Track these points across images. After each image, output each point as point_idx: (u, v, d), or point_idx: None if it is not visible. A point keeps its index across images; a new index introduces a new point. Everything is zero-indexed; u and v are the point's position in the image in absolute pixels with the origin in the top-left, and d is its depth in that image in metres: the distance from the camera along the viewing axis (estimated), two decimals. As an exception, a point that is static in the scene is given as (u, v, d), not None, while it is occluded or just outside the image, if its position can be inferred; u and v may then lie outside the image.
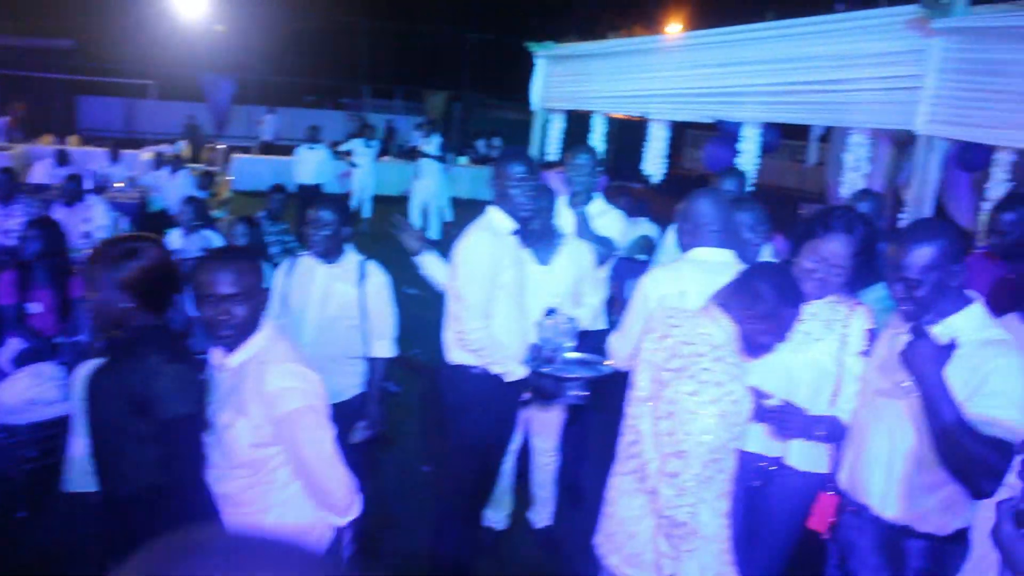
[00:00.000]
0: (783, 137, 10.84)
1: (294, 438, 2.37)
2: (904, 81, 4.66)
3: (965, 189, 7.12)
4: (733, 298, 2.50)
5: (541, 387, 3.65)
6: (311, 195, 11.33)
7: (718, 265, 3.17)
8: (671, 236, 4.65)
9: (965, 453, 2.33)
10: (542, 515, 4.50)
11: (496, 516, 4.47)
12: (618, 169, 12.00)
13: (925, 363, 2.40)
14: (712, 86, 6.15)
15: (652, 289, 3.22)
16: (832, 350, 2.90)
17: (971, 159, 5.33)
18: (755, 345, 2.51)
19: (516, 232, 3.61)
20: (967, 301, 2.53)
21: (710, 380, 2.33)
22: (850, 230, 2.86)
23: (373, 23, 25.00)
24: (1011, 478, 2.36)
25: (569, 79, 8.15)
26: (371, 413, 3.91)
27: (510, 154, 3.67)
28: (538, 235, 4.16)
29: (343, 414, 3.00)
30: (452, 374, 3.64)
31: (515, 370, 3.56)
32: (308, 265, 3.82)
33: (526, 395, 3.74)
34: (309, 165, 11.74)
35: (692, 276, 3.15)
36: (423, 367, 5.15)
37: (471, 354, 3.55)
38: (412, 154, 14.79)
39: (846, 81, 5.01)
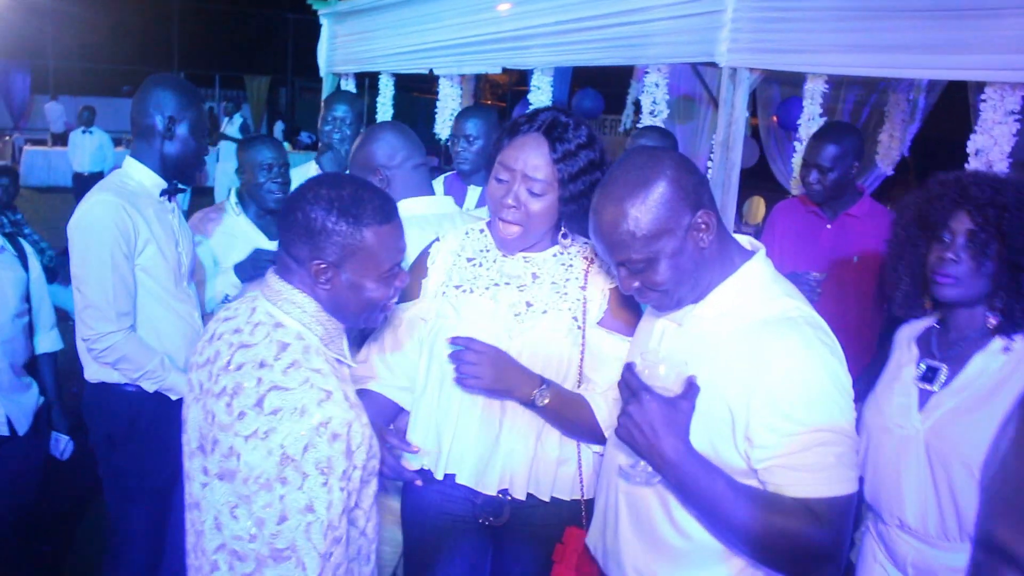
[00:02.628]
0: (605, 112, 10.39)
1: None
2: (701, 6, 3.94)
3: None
4: (292, 249, 1.57)
5: None
6: (88, 185, 10.32)
7: (428, 218, 2.40)
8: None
9: (774, 539, 1.51)
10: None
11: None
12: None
13: (658, 439, 1.53)
14: (497, 32, 5.32)
15: None
16: (566, 324, 1.99)
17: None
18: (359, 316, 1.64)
19: (165, 192, 2.66)
20: (739, 261, 1.66)
21: (286, 407, 1.44)
22: (555, 132, 1.92)
23: (186, 4, 23.29)
24: None
25: (355, 38, 7.20)
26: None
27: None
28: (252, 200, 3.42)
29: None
30: (94, 397, 2.66)
31: (179, 384, 2.60)
32: None
33: None
34: (84, 152, 10.55)
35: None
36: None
37: (110, 368, 2.57)
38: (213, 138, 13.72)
39: (638, 11, 4.27)
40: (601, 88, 9.34)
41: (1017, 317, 1.86)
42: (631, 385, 1.58)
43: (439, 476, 2.00)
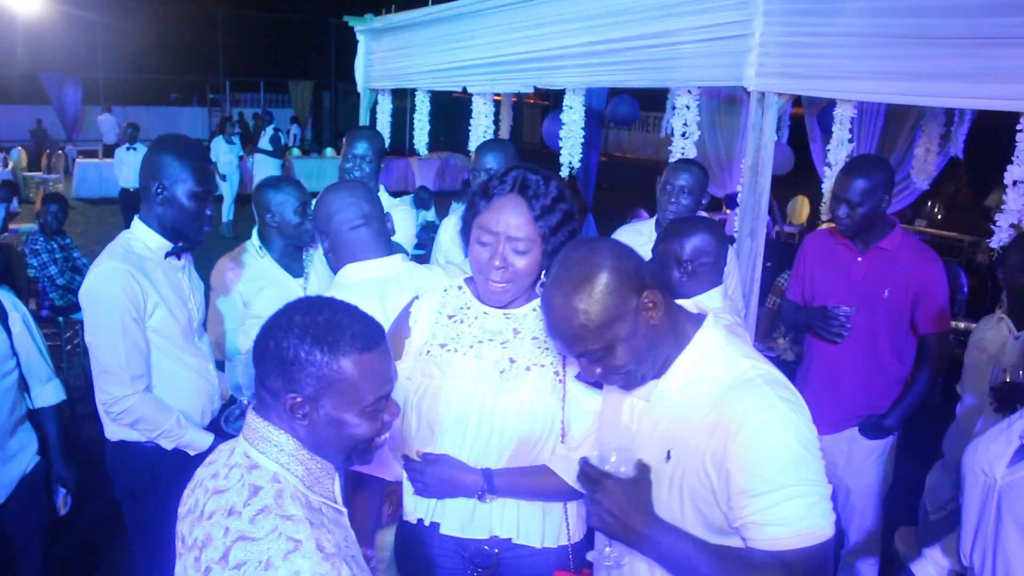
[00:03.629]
0: (643, 110, 10.32)
1: None
2: (730, 29, 3.91)
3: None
4: (267, 381, 1.46)
5: None
6: (135, 201, 10.49)
7: (371, 283, 2.40)
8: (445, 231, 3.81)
9: None
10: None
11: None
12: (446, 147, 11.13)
13: (628, 518, 1.62)
14: (530, 51, 5.32)
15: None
16: (549, 379, 2.00)
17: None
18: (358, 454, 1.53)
19: (172, 252, 2.71)
20: (691, 330, 1.69)
21: (251, 560, 1.31)
22: (529, 190, 1.95)
23: (232, 12, 23.56)
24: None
25: (391, 55, 7.25)
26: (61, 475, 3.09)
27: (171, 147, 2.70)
28: (288, 241, 3.43)
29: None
30: (116, 454, 2.73)
31: (196, 440, 2.69)
32: None
33: None
34: (130, 168, 10.74)
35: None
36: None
37: (128, 428, 2.64)
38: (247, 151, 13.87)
39: (668, 34, 4.25)
40: (639, 89, 9.29)
41: None
42: (591, 476, 1.68)
43: (427, 523, 2.07)
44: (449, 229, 3.72)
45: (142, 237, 2.67)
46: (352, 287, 2.36)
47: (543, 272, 2.01)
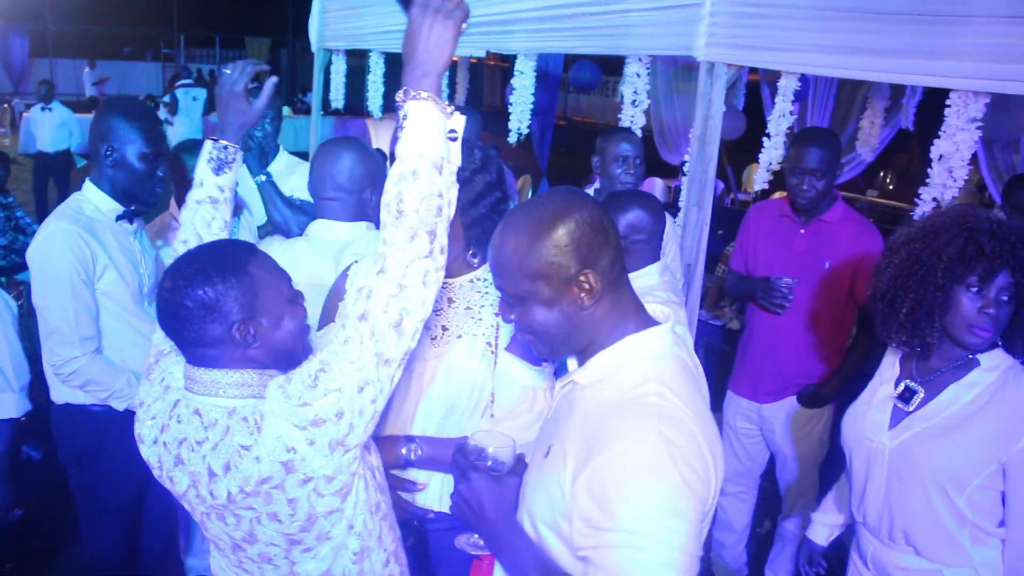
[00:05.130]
0: (604, 75, 10.28)
1: None
2: (681, -1, 3.91)
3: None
4: (204, 338, 1.57)
5: None
6: (51, 164, 10.22)
7: (332, 243, 2.47)
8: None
9: None
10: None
11: (202, 563, 3.64)
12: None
13: (484, 514, 1.62)
14: (483, 15, 5.26)
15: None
16: (479, 348, 2.02)
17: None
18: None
19: (123, 216, 2.69)
20: (631, 331, 1.54)
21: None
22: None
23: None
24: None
25: (346, 14, 7.12)
26: None
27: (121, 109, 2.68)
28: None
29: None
30: (61, 418, 2.71)
31: None
32: None
33: None
34: (45, 130, 10.30)
35: (303, 257, 2.38)
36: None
37: (78, 390, 2.61)
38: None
39: (620, 1, 4.23)
40: (598, 55, 9.26)
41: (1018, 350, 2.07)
42: (460, 465, 1.67)
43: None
44: None
45: (93, 200, 2.66)
46: (313, 242, 2.45)
47: (469, 244, 2.03)
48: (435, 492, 2.09)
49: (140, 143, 2.62)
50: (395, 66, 7.19)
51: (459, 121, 1.57)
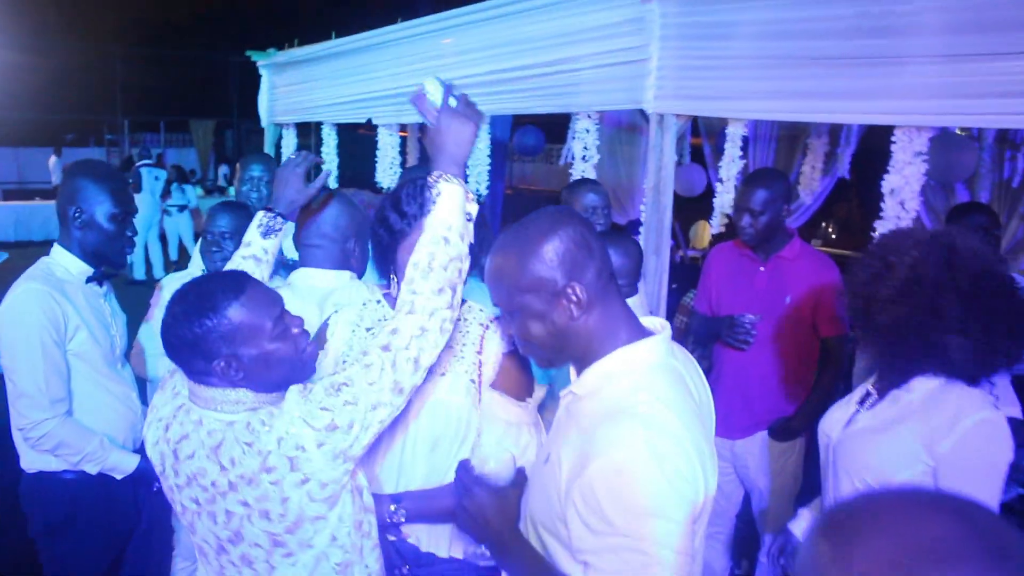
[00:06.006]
0: (548, 141, 10.49)
1: None
2: (629, 54, 4.05)
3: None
4: (193, 367, 1.72)
5: None
6: None
7: (315, 291, 2.49)
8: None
9: None
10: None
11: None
12: (353, 182, 11.19)
13: (489, 527, 1.71)
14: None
15: None
16: (464, 385, 2.05)
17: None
18: None
19: (93, 278, 2.68)
20: (622, 343, 1.59)
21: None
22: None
23: (130, 51, 23.10)
24: None
25: (295, 89, 7.25)
26: None
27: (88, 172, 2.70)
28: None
29: None
30: (32, 487, 2.65)
31: (122, 463, 2.65)
32: None
33: (157, 484, 2.84)
34: None
35: (287, 304, 2.39)
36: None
37: (50, 455, 2.58)
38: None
39: (569, 60, 4.38)
40: (543, 121, 9.45)
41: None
42: (463, 481, 1.75)
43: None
44: None
45: (62, 262, 2.64)
46: (297, 290, 2.47)
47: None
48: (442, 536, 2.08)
49: (109, 204, 2.62)
50: (345, 141, 7.32)
51: (475, 207, 1.85)
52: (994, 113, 2.91)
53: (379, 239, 2.11)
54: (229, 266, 2.26)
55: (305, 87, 7.06)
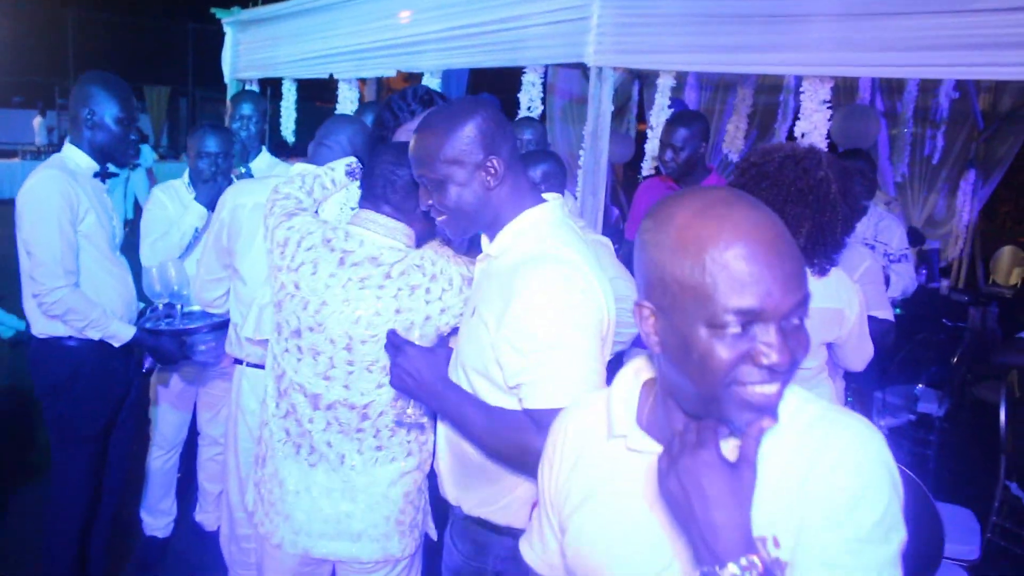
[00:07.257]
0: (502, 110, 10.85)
1: None
2: (572, 12, 4.44)
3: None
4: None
5: (159, 348, 3.11)
6: None
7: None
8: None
9: (507, 449, 1.80)
10: (212, 517, 3.92)
11: (157, 522, 3.89)
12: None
13: (423, 379, 1.88)
14: (392, 37, 5.75)
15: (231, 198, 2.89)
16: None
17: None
18: None
19: (97, 174, 3.05)
20: (527, 207, 1.88)
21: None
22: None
23: (81, 14, 22.90)
24: None
25: (258, 45, 7.50)
26: None
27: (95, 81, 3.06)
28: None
29: None
30: (41, 349, 3.01)
31: (121, 332, 3.01)
32: None
33: (147, 362, 3.21)
34: None
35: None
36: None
37: (57, 321, 2.93)
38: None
39: (517, 18, 4.75)
40: (499, 91, 9.76)
41: None
42: (395, 343, 1.94)
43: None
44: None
45: (74, 157, 3.01)
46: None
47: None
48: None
49: (117, 109, 3.01)
50: (305, 99, 7.60)
51: None
52: (890, 65, 3.35)
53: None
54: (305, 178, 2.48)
55: (268, 43, 7.31)
